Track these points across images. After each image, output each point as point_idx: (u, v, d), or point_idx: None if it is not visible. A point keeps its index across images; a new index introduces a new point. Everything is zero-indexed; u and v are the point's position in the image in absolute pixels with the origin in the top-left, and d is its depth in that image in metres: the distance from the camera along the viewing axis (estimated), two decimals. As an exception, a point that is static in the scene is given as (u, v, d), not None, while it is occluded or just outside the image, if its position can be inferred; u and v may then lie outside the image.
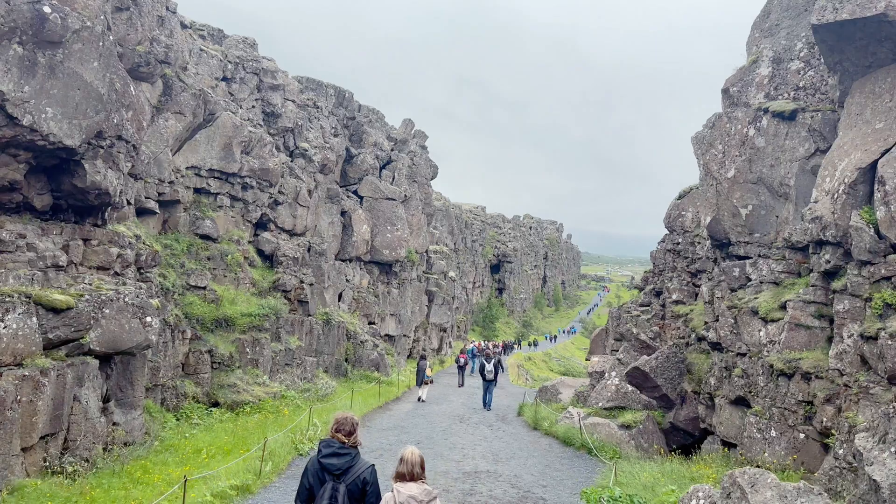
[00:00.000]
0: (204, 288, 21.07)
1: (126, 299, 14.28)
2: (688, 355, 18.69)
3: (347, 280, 35.38)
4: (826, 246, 11.94)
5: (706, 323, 15.83)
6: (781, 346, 12.33)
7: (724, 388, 14.72)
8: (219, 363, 20.27)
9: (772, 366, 12.28)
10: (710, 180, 15.47)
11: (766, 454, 11.83)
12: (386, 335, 38.45)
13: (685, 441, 18.07)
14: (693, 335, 22.44)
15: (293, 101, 30.78)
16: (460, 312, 70.44)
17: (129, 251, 16.43)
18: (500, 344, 58.12)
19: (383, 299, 38.40)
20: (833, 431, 10.40)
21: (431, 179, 47.21)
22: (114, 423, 14.71)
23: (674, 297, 26.26)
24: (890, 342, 9.66)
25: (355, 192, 38.25)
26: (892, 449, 5.39)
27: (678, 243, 27.25)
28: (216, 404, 19.29)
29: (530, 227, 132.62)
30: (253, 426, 17.26)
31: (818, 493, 6.38)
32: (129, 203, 18.55)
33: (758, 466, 12.10)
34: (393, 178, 41.37)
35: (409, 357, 43.12)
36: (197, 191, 23.30)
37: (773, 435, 11.85)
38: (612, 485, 11.45)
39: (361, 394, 23.95)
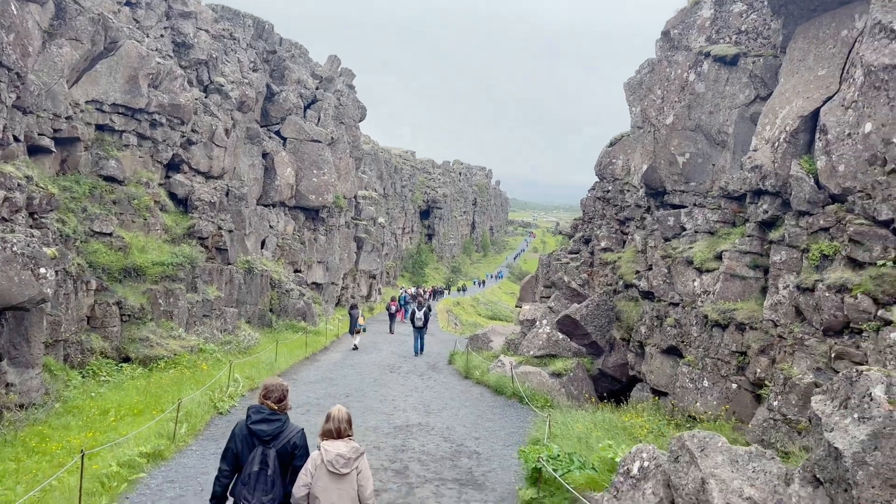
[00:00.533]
0: (110, 234, 19.35)
1: (14, 248, 12.73)
2: (617, 303, 18.67)
3: (271, 226, 33.82)
4: (764, 196, 11.77)
5: (638, 272, 15.70)
6: (716, 296, 12.24)
7: (655, 337, 14.69)
8: (129, 316, 18.82)
9: (706, 316, 12.20)
10: (647, 127, 15.05)
11: (697, 404, 11.84)
12: (313, 283, 37.32)
13: (612, 387, 18.22)
14: (621, 283, 22.55)
15: (207, 31, 28.39)
16: (389, 259, 69.65)
17: (19, 194, 14.69)
18: (430, 290, 57.95)
19: (310, 246, 37.07)
20: (767, 383, 10.40)
21: (360, 121, 45.44)
22: (7, 385, 13.32)
23: (602, 244, 26.32)
24: (827, 294, 9.58)
25: (278, 133, 36.26)
26: (856, 415, 5.04)
27: (608, 191, 27.18)
28: (127, 359, 17.96)
29: (460, 174, 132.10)
30: (168, 383, 16.13)
31: (770, 458, 6.09)
32: (16, 140, 16.56)
33: (692, 417, 12.11)
34: (318, 119, 39.47)
35: (337, 305, 42.23)
36: (99, 128, 21.19)
37: (706, 385, 11.85)
38: (547, 439, 11.17)
39: (287, 345, 23.02)
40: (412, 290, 52.85)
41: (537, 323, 19.72)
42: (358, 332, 26.74)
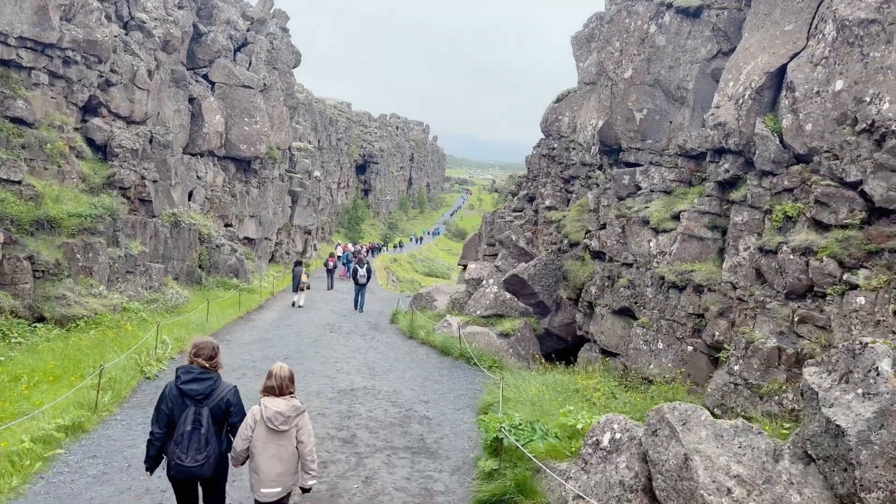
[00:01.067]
0: (19, 182, 17.52)
1: None
2: (564, 262, 18.40)
3: (199, 177, 31.90)
4: (726, 154, 11.46)
5: (588, 231, 15.36)
6: (673, 257, 11.99)
7: (606, 297, 14.45)
8: (43, 272, 17.21)
9: (662, 277, 11.95)
10: (604, 81, 14.50)
11: (651, 366, 11.66)
12: (245, 238, 35.71)
13: (558, 346, 18.07)
14: (566, 241, 22.32)
15: (127, -38, 25.88)
16: (325, 214, 67.91)
17: None
18: (367, 246, 56.92)
19: (241, 199, 35.31)
20: (726, 346, 10.24)
21: (294, 67, 43.24)
22: None
23: (547, 202, 26.02)
24: (791, 256, 9.37)
25: (205, 77, 33.98)
26: (860, 391, 4.67)
27: (553, 148, 26.77)
28: (41, 319, 16.45)
29: (397, 128, 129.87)
30: (88, 345, 14.82)
31: (758, 433, 5.74)
32: None
33: (645, 379, 11.92)
34: (250, 64, 37.23)
35: (270, 261, 40.75)
36: (4, 63, 19.01)
37: (661, 347, 11.67)
38: (502, 404, 10.74)
39: (219, 304, 21.80)
40: (355, 246, 51.75)
41: (484, 282, 19.27)
42: (301, 290, 26.10)
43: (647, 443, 6.27)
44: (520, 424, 8.44)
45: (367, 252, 53.03)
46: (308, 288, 26.98)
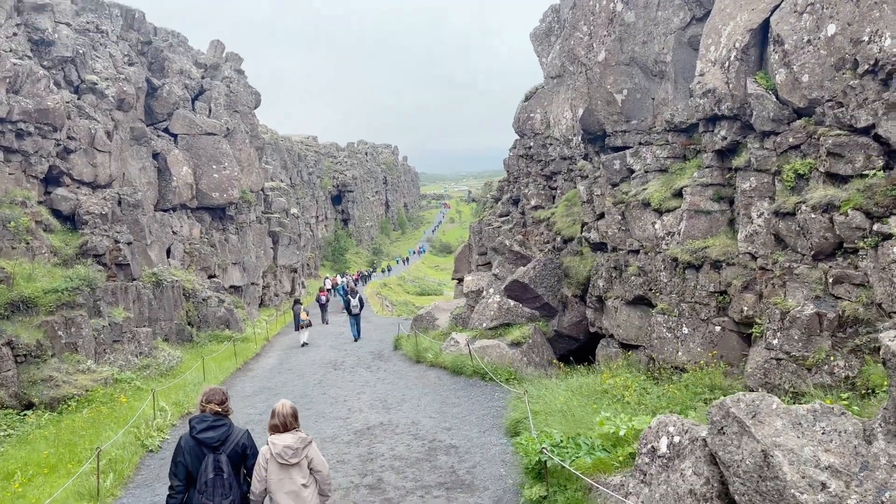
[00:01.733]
0: (-15, 267, 16.63)
1: None
2: (563, 260, 17.79)
3: (175, 232, 31.04)
4: (721, 121, 10.93)
5: (586, 224, 14.77)
6: (682, 236, 11.40)
7: (615, 289, 13.84)
8: (25, 355, 16.28)
9: (675, 259, 11.35)
10: (577, 68, 13.98)
11: (679, 353, 11.02)
12: (231, 287, 34.80)
13: (570, 346, 17.41)
14: (559, 238, 21.74)
15: (68, 25, 25.19)
16: (308, 250, 67.03)
17: None
18: (356, 275, 56.10)
19: (221, 248, 34.46)
20: (757, 320, 9.63)
21: (255, 108, 42.57)
22: None
23: (532, 202, 25.49)
24: (812, 215, 8.82)
25: (167, 131, 33.22)
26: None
27: (530, 147, 26.30)
28: (30, 406, 15.52)
29: (366, 153, 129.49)
30: (82, 426, 13.92)
31: (840, 413, 5.10)
32: None
33: (675, 368, 11.28)
34: (210, 111, 36.54)
35: (260, 306, 39.81)
36: (-48, 145, 18.19)
37: (686, 332, 11.05)
38: (532, 419, 10.04)
39: (215, 359, 20.91)
40: (343, 278, 51.02)
41: (484, 293, 18.59)
42: (303, 327, 26.11)
43: (714, 443, 5.61)
44: (561, 442, 7.74)
45: (357, 281, 52.20)
46: (310, 325, 26.71)
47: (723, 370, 9.98)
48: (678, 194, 11.71)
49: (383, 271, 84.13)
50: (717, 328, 10.55)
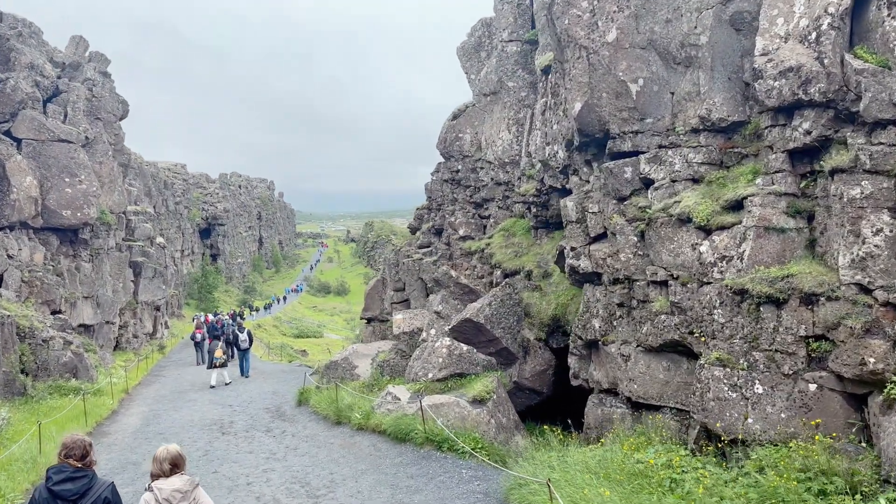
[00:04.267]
0: None
1: None
2: (523, 296, 14.83)
3: (10, 256, 24.91)
4: (804, 110, 8.54)
5: (573, 249, 11.93)
6: (747, 261, 8.78)
7: (622, 331, 11.00)
8: None
9: (742, 291, 8.64)
10: (574, 53, 11.27)
11: (749, 420, 8.26)
12: (81, 326, 28.65)
13: (531, 401, 14.35)
14: (498, 272, 18.87)
15: None
16: (170, 286, 59.86)
17: None
18: (230, 314, 50.27)
19: (71, 278, 28.35)
20: (894, 377, 7.05)
21: (121, 119, 36.79)
22: None
23: (461, 232, 22.56)
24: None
25: (8, 134, 27.17)
26: None
27: (457, 171, 23.48)
28: None
29: (239, 186, 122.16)
30: None
31: None
32: None
33: (740, 442, 8.40)
34: (66, 116, 30.66)
35: (116, 349, 33.45)
36: None
37: (759, 391, 8.32)
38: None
39: (56, 421, 15.67)
40: (209, 317, 45.41)
41: (424, 334, 15.14)
42: (216, 366, 22.88)
43: None
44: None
45: (234, 319, 46.59)
46: (225, 364, 23.19)
47: (826, 445, 7.28)
48: (734, 207, 9.18)
49: (266, 308, 78.26)
50: (812, 386, 7.92)
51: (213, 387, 22.47)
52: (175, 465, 5.64)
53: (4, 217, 25.05)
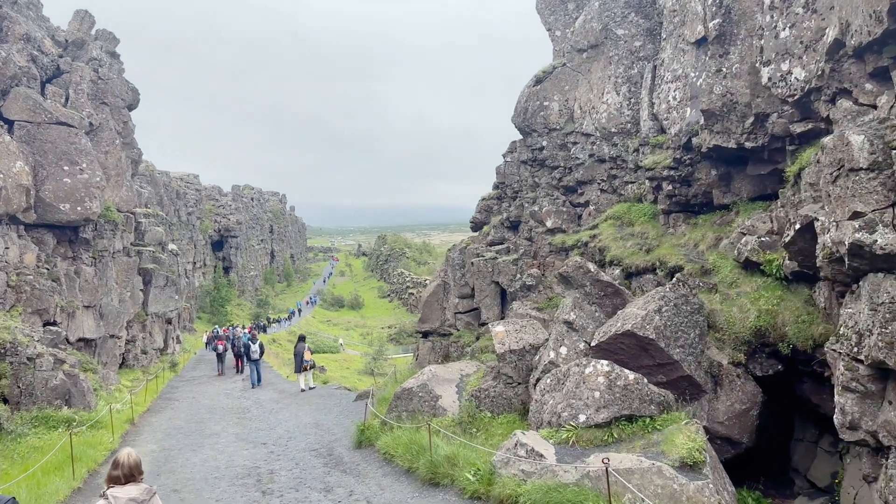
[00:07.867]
0: None
1: None
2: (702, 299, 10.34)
3: (-5, 255, 20.66)
4: None
5: (858, 215, 7.44)
6: None
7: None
8: None
9: None
10: None
11: None
12: (80, 340, 24.31)
13: (723, 455, 9.76)
14: (617, 271, 14.51)
15: None
16: (183, 297, 55.68)
17: None
18: (249, 328, 46.02)
19: (69, 284, 24.05)
20: None
21: (131, 109, 32.69)
22: None
23: (548, 223, 18.11)
24: None
25: (-2, 113, 23.07)
26: None
27: (541, 149, 19.02)
28: None
29: (252, 199, 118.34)
30: None
31: None
32: None
33: None
34: (67, 98, 26.56)
35: (122, 367, 29.06)
36: None
37: None
38: None
39: (31, 476, 11.17)
40: (234, 330, 41.66)
41: (550, 353, 10.64)
42: (305, 369, 22.96)
43: None
44: None
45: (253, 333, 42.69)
46: (313, 367, 23.62)
47: None
48: None
49: (289, 318, 75.00)
50: None
51: (303, 390, 22.67)
52: (133, 474, 5.44)
53: (-11, 208, 20.84)
